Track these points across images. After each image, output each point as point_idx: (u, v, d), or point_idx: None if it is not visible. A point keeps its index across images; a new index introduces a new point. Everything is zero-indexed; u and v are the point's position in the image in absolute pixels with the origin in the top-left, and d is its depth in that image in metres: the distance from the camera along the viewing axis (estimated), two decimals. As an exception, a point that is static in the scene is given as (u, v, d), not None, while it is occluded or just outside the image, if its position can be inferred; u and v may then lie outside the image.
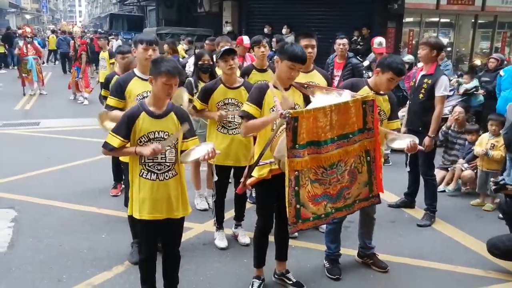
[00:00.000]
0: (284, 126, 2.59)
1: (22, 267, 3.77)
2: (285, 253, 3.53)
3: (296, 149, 2.61)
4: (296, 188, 2.64)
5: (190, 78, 4.66)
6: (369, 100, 2.76)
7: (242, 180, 3.14)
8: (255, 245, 3.47)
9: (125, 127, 2.87)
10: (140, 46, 3.64)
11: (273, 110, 3.08)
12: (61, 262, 3.84)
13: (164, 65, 2.81)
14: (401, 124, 3.72)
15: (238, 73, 4.20)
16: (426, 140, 4.52)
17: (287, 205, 2.68)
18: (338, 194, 2.79)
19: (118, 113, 3.51)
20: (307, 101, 3.15)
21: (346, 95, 2.78)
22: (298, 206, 2.67)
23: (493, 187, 3.98)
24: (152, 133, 2.88)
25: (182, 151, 2.96)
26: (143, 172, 2.91)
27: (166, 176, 2.93)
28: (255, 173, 3.15)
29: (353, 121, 2.72)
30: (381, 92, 3.50)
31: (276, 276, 3.57)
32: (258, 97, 3.16)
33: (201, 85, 4.40)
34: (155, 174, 2.91)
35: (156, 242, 3.14)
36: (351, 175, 2.81)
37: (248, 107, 3.17)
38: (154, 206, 2.93)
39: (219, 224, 4.22)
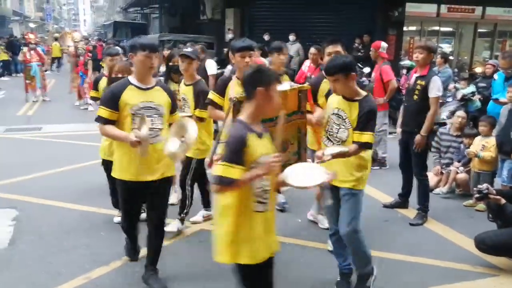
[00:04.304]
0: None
1: (22, 261, 3.88)
2: None
3: None
4: None
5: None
6: (304, 90, 3.41)
7: (209, 156, 3.55)
8: None
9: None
10: (142, 53, 3.13)
11: (230, 99, 3.54)
12: (60, 257, 3.95)
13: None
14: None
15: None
16: (417, 137, 4.58)
17: None
18: None
19: (114, 130, 3.19)
20: None
21: (285, 85, 3.30)
22: None
23: (476, 195, 3.93)
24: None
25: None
26: None
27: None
28: (220, 150, 3.55)
29: (290, 105, 3.27)
30: (356, 98, 3.13)
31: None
32: (221, 88, 3.88)
33: (171, 85, 4.66)
34: None
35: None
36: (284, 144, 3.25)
37: (213, 96, 3.91)
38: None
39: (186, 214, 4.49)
